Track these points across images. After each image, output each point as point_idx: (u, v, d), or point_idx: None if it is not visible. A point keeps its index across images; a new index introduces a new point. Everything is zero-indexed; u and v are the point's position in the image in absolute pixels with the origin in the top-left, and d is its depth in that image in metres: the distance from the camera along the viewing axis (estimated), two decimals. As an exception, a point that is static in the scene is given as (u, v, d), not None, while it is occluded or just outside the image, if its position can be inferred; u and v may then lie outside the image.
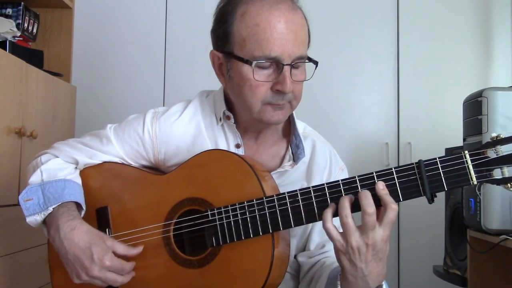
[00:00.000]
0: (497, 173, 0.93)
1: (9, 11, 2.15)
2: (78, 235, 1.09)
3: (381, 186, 0.95)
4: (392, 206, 0.94)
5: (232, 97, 1.19)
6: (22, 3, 2.17)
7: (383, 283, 1.00)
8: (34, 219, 1.15)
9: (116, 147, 1.23)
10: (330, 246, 1.21)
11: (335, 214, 0.98)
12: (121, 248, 1.12)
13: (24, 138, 1.87)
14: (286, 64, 1.07)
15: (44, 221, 1.17)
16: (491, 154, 0.93)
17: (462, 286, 2.02)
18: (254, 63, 1.07)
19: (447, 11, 2.81)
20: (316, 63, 1.12)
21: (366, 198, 0.94)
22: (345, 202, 0.95)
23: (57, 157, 1.25)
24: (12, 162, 1.81)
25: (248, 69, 1.08)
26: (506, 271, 1.93)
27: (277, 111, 1.12)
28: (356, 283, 0.97)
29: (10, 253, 1.77)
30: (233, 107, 1.21)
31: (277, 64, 1.08)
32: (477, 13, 2.80)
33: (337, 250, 0.97)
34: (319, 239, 1.23)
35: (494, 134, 0.94)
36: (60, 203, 1.14)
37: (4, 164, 1.77)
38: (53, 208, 1.14)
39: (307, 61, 1.12)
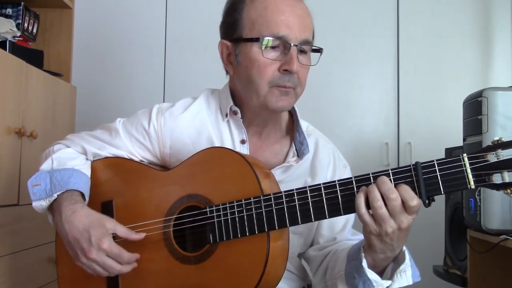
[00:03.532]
0: (496, 178, 0.91)
1: (9, 11, 2.15)
2: (78, 218, 1.12)
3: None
4: (411, 204, 0.93)
5: (239, 86, 1.21)
6: (22, 3, 2.16)
7: (404, 249, 1.03)
8: (39, 204, 1.18)
9: (124, 140, 1.26)
10: (341, 237, 1.24)
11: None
12: (122, 231, 1.13)
13: (24, 138, 1.87)
14: (294, 45, 1.12)
15: (50, 209, 1.19)
16: (491, 158, 0.91)
17: (462, 286, 2.02)
18: (263, 38, 1.11)
19: (447, 11, 2.80)
20: (321, 50, 1.17)
21: (385, 184, 0.94)
22: (377, 194, 0.94)
23: (68, 147, 1.28)
24: (12, 162, 1.81)
25: (257, 49, 1.13)
26: (506, 271, 1.93)
27: (282, 96, 1.14)
28: (384, 253, 1.00)
29: (10, 253, 1.76)
30: (240, 102, 1.22)
31: (284, 44, 1.12)
32: (477, 13, 2.80)
33: (369, 232, 0.97)
34: (328, 234, 1.25)
35: (496, 138, 0.92)
36: (64, 190, 1.16)
37: (4, 164, 1.76)
38: (57, 195, 1.16)
39: (313, 46, 1.17)
